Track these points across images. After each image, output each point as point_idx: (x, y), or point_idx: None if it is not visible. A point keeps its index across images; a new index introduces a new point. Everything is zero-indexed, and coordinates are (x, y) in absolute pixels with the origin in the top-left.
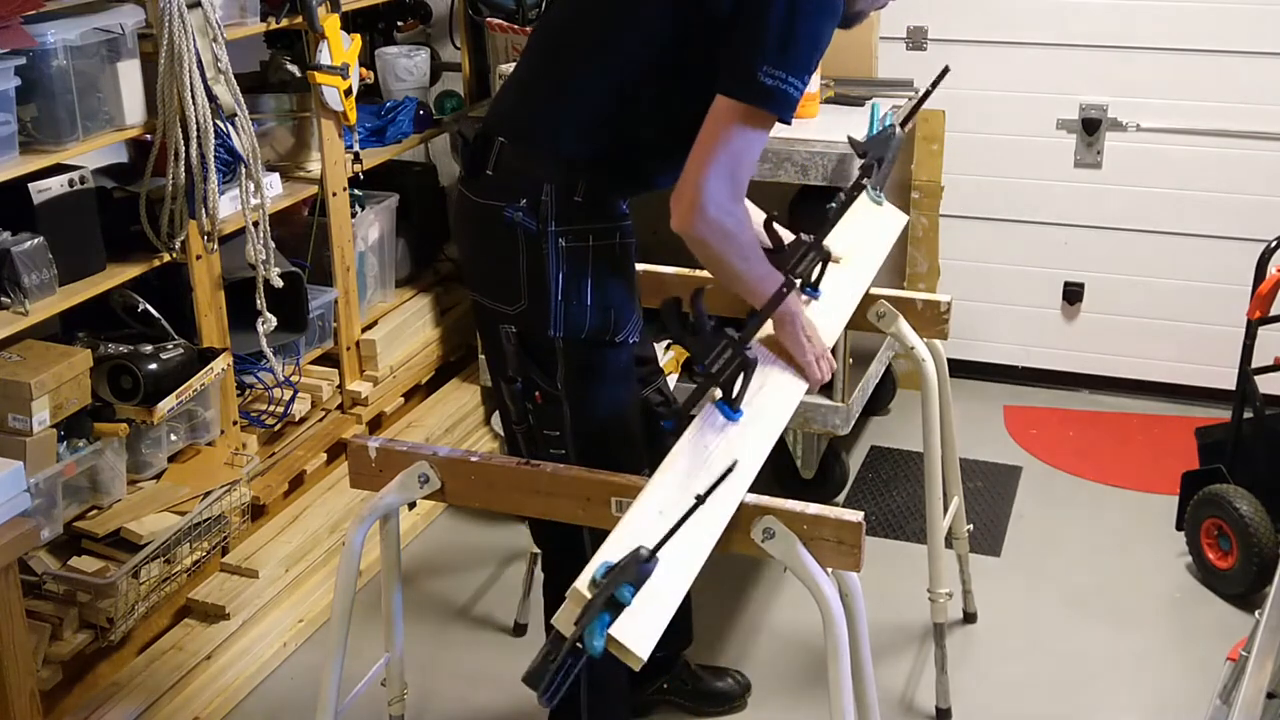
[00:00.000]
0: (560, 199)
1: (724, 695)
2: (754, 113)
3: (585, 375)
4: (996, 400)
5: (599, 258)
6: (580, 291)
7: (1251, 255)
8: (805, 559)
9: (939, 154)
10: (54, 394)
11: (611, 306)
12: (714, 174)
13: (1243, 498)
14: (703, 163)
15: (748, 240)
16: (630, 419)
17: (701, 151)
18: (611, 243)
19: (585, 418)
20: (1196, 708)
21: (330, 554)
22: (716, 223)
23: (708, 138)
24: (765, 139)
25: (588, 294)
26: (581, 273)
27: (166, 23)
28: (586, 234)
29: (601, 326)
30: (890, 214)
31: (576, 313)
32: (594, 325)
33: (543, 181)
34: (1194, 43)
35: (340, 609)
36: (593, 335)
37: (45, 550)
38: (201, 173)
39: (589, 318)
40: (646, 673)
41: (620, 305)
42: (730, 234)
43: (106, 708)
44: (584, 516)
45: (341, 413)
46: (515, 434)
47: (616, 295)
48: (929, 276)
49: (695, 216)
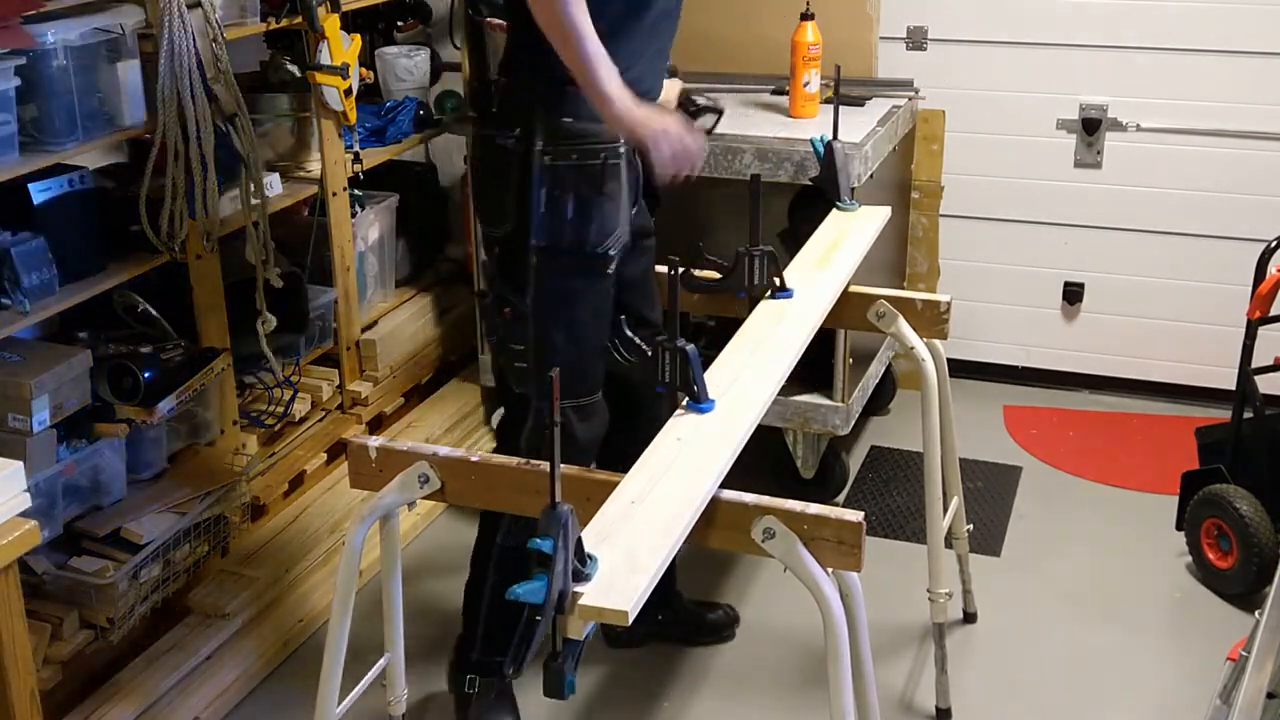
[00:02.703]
0: (547, 121)
1: (716, 625)
2: None
3: (555, 292)
4: (996, 400)
5: (583, 175)
6: (562, 206)
7: (1251, 255)
8: (805, 559)
9: (939, 154)
10: (54, 394)
11: (592, 220)
12: None
13: (1243, 498)
14: None
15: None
16: (590, 350)
17: None
18: (596, 162)
19: (547, 336)
20: (1196, 708)
21: (330, 554)
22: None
23: None
24: None
25: (568, 208)
26: (566, 189)
27: (166, 23)
28: (570, 153)
29: (580, 238)
30: (866, 213)
31: (557, 224)
32: (574, 236)
33: (533, 105)
34: (1194, 43)
35: (340, 609)
36: (572, 245)
37: (45, 550)
38: (201, 173)
39: (569, 229)
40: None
41: (603, 219)
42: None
43: (106, 708)
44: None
45: (341, 413)
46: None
47: (598, 210)
48: (929, 276)
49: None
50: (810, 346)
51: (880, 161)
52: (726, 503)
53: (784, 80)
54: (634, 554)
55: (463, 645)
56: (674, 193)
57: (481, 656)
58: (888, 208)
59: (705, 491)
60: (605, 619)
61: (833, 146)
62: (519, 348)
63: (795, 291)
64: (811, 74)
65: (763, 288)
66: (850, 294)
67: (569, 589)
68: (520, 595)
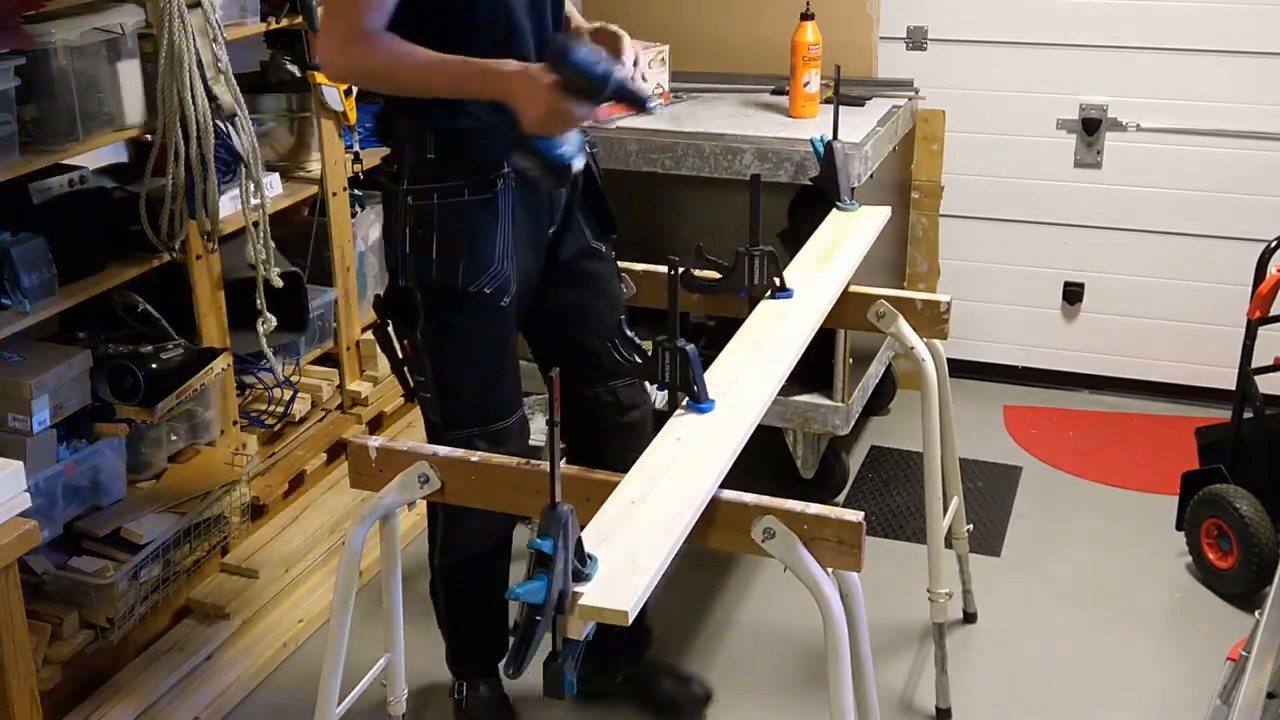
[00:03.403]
0: (412, 157)
1: (673, 703)
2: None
3: (442, 330)
4: (996, 400)
5: (446, 214)
6: (427, 245)
7: (1251, 255)
8: (806, 559)
9: (939, 154)
10: (54, 394)
11: (459, 259)
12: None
13: (1243, 498)
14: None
15: (387, 52)
16: (487, 379)
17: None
18: (457, 200)
19: (441, 370)
20: (1196, 708)
21: (330, 554)
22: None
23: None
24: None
25: (432, 248)
26: (428, 228)
27: (166, 23)
28: (431, 191)
29: (447, 278)
30: (866, 213)
31: (422, 265)
32: (442, 277)
33: (403, 140)
34: (1194, 43)
35: (340, 609)
36: (442, 287)
37: (45, 550)
38: (201, 173)
39: (435, 270)
40: (604, 659)
41: (473, 258)
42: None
43: (106, 708)
44: (584, 516)
45: (341, 413)
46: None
47: (465, 249)
48: (929, 276)
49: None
50: (810, 346)
51: (880, 161)
52: (726, 503)
53: (784, 80)
54: (634, 554)
55: (446, 656)
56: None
57: (455, 666)
58: (888, 208)
59: (705, 491)
60: (605, 619)
61: (833, 146)
62: (420, 378)
63: (795, 291)
64: (811, 74)
65: (763, 288)
66: (850, 294)
67: (569, 589)
68: (520, 595)
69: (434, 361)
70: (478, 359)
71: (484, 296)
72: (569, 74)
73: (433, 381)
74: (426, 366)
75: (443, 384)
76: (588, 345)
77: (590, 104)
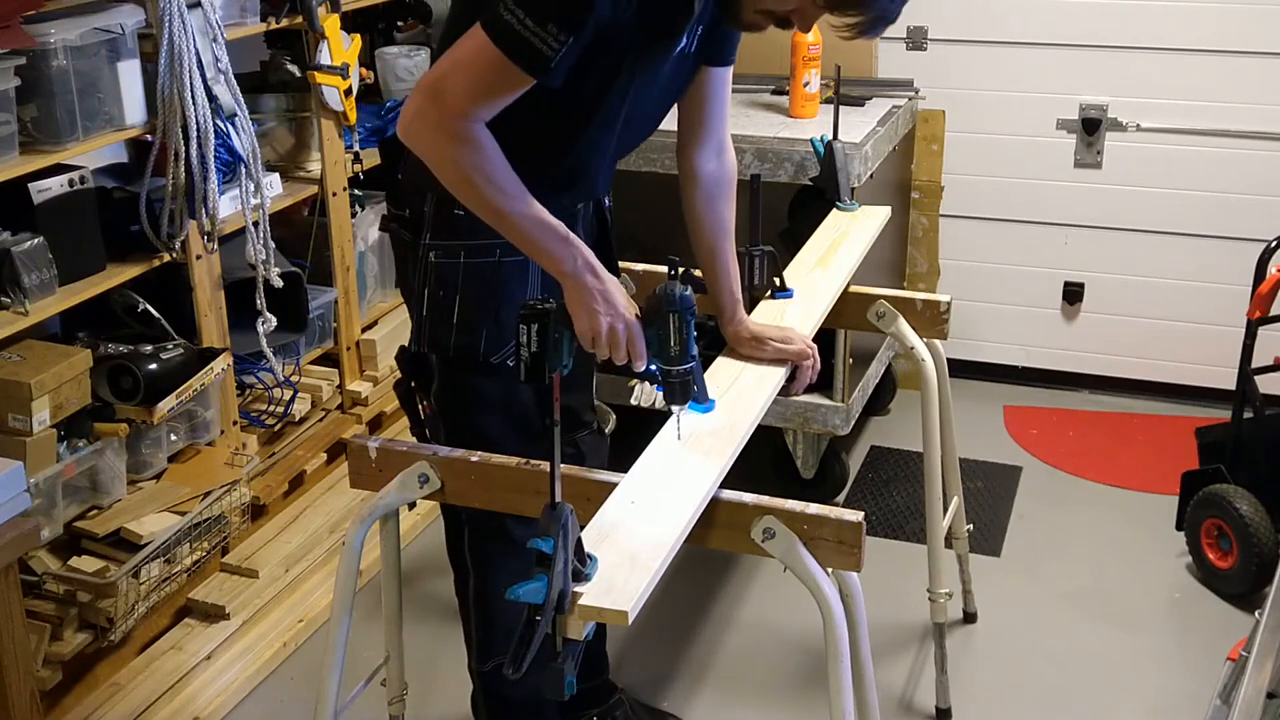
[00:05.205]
0: (439, 211)
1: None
2: (491, 48)
3: (457, 397)
4: (996, 400)
5: (471, 275)
6: (448, 309)
7: (1251, 255)
8: (805, 559)
9: (939, 154)
10: (54, 394)
11: (483, 328)
12: (454, 73)
13: (1243, 498)
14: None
15: (488, 158)
16: (502, 451)
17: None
18: (488, 260)
19: (457, 439)
20: (1196, 708)
21: (330, 554)
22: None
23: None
24: (507, 83)
25: (454, 313)
26: (451, 289)
27: (166, 23)
28: (458, 250)
29: (468, 347)
30: (866, 213)
31: (443, 331)
32: (461, 345)
33: (426, 190)
34: (1194, 43)
35: (340, 609)
36: (460, 355)
37: (45, 550)
38: (201, 173)
39: (454, 336)
40: (573, 702)
41: (499, 327)
42: (453, 154)
43: (106, 708)
44: (584, 516)
45: (341, 413)
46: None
47: (489, 317)
48: (929, 276)
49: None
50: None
51: (880, 161)
52: (726, 503)
53: (784, 80)
54: (634, 554)
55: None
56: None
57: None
58: (888, 208)
59: (705, 491)
60: (605, 619)
61: (833, 146)
62: (440, 440)
63: (795, 291)
64: (811, 74)
65: (763, 288)
66: (850, 294)
67: (569, 589)
68: (520, 595)
69: (449, 430)
70: (494, 430)
71: (506, 369)
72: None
73: (447, 447)
74: (441, 434)
75: (460, 445)
76: (582, 419)
77: (646, 360)
